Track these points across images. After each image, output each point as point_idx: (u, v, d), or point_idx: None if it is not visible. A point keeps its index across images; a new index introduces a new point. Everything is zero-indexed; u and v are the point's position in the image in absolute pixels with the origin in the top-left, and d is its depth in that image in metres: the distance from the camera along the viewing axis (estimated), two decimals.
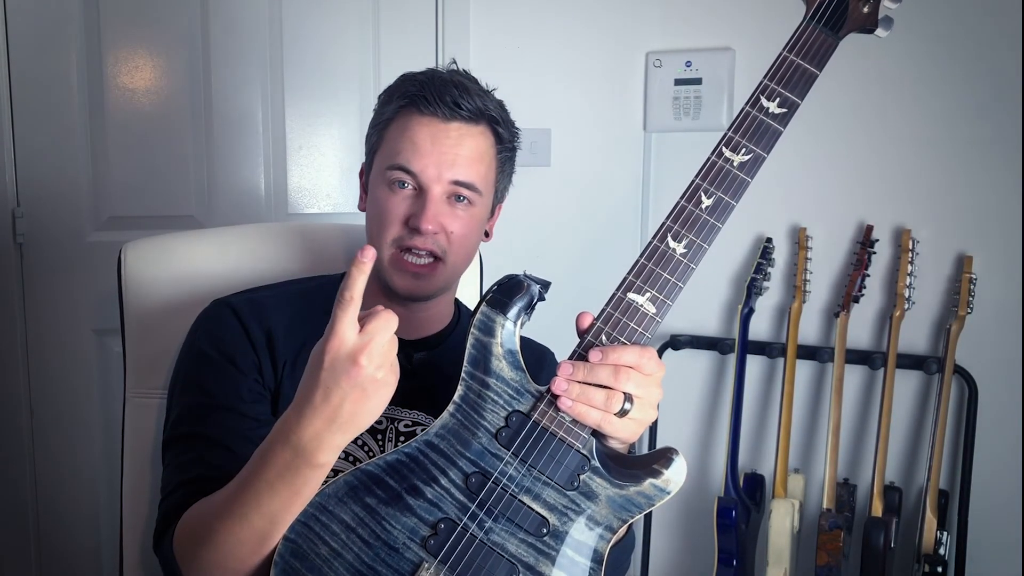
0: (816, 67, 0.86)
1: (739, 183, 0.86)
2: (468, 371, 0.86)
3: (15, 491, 1.94)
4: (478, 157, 1.03)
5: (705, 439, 2.16)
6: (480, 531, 0.83)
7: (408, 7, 2.08)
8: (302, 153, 2.06)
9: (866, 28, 0.87)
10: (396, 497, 0.84)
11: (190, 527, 0.90)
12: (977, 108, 1.88)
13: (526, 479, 0.84)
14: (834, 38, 0.87)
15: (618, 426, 0.83)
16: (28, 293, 1.91)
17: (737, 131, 0.86)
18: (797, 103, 0.87)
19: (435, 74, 1.05)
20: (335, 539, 0.83)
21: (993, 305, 1.90)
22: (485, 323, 0.86)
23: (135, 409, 1.22)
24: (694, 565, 2.20)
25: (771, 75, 0.87)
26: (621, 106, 2.17)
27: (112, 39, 1.91)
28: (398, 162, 1.02)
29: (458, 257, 1.05)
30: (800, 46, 0.87)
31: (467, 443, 0.85)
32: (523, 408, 0.85)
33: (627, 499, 0.84)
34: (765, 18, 2.04)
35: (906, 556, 1.93)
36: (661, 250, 0.86)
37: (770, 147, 0.86)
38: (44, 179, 1.89)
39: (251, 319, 1.03)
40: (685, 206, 0.86)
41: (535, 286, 0.87)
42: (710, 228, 0.86)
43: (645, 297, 0.85)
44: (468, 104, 1.02)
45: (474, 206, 1.04)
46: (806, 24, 0.87)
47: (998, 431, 1.92)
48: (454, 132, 1.02)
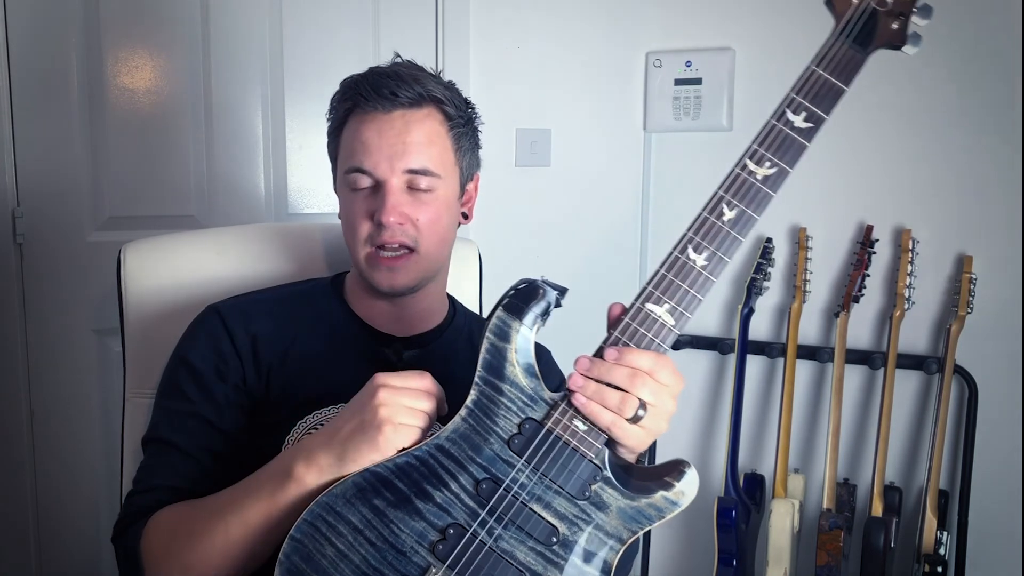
0: (843, 82, 0.85)
1: (762, 196, 0.84)
2: (482, 376, 0.85)
3: (15, 491, 1.94)
4: (427, 141, 1.02)
5: (705, 439, 2.16)
6: (489, 538, 0.83)
7: (408, 7, 2.08)
8: (302, 153, 2.06)
9: (894, 45, 0.86)
10: (405, 500, 0.84)
11: (166, 528, 0.93)
12: (977, 108, 1.88)
13: (537, 487, 0.83)
14: (863, 54, 0.85)
15: (629, 432, 0.83)
16: (28, 293, 1.90)
17: (762, 144, 0.85)
18: (823, 118, 0.85)
19: (372, 70, 1.04)
20: (342, 540, 0.83)
21: (993, 305, 1.90)
22: (501, 328, 0.85)
23: (135, 409, 1.22)
24: (694, 565, 2.20)
25: (798, 88, 0.85)
26: (621, 106, 2.17)
27: (112, 39, 1.91)
28: (352, 164, 1.02)
29: (431, 244, 1.04)
30: (828, 60, 0.85)
31: (479, 448, 0.84)
32: (537, 416, 0.84)
33: (638, 511, 0.84)
34: (765, 18, 2.04)
35: (906, 556, 1.93)
36: (681, 261, 0.84)
37: (795, 161, 0.84)
38: (44, 179, 1.89)
39: (237, 325, 1.04)
40: (707, 218, 0.85)
41: (552, 292, 0.86)
42: (731, 241, 0.84)
43: (664, 308, 0.84)
44: (407, 91, 1.00)
45: (436, 191, 1.03)
46: (835, 38, 0.86)
47: (998, 431, 1.92)
48: (398, 121, 1.01)
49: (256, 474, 0.90)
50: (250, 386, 1.02)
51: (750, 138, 0.86)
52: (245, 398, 1.02)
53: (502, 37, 2.13)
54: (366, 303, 1.10)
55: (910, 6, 0.85)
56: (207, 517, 0.89)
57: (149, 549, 0.92)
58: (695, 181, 2.16)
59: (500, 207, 2.02)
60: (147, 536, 0.93)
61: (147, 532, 0.93)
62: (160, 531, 0.93)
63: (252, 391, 1.03)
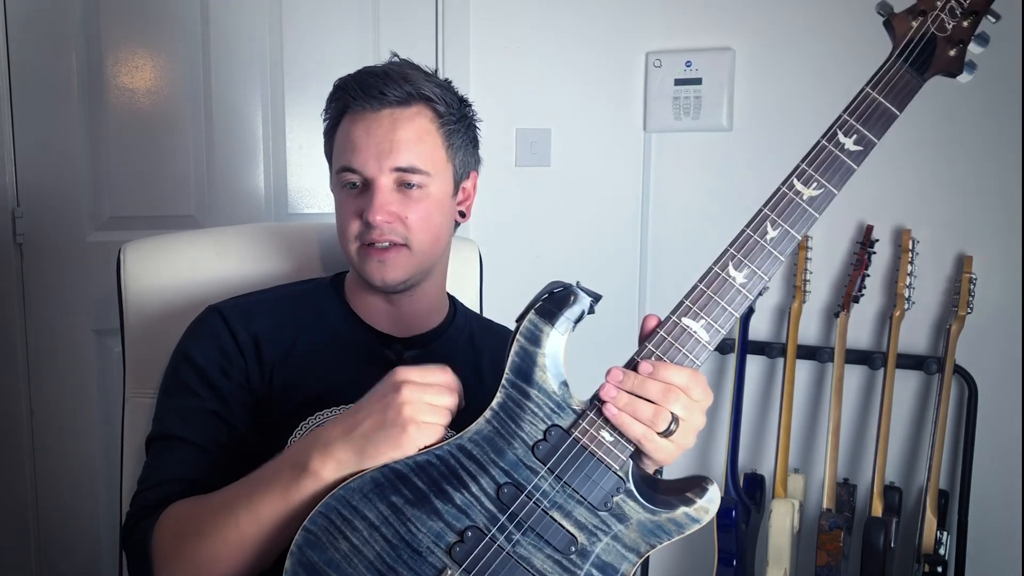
0: (897, 108, 0.84)
1: (807, 217, 0.83)
2: (509, 379, 0.84)
3: (15, 491, 1.94)
4: (417, 139, 1.01)
5: (705, 439, 2.16)
6: (508, 543, 0.82)
7: (408, 7, 2.08)
8: (302, 153, 2.06)
9: (951, 72, 0.85)
10: (424, 499, 0.83)
11: (174, 527, 0.91)
12: (977, 108, 1.88)
13: (559, 495, 0.83)
14: (919, 79, 0.84)
15: (659, 445, 0.82)
16: (28, 293, 1.90)
17: (811, 164, 0.84)
18: (874, 142, 0.84)
19: (363, 70, 1.04)
20: (356, 535, 0.82)
21: (993, 305, 1.90)
22: (532, 332, 0.84)
23: (134, 409, 1.22)
24: (694, 565, 2.20)
25: (851, 110, 0.84)
26: (621, 106, 2.16)
27: (112, 39, 1.91)
28: (342, 163, 1.02)
29: (423, 242, 1.04)
30: (884, 84, 0.84)
31: (501, 452, 0.83)
32: (563, 423, 0.83)
33: (658, 525, 0.83)
34: (765, 18, 2.04)
35: (906, 556, 1.93)
36: (721, 278, 0.83)
37: (842, 184, 0.84)
38: (44, 179, 1.89)
39: (239, 324, 1.04)
40: (750, 235, 0.83)
41: (587, 299, 0.85)
42: (772, 260, 0.83)
43: (700, 324, 0.83)
44: (395, 90, 1.00)
45: (426, 188, 1.03)
46: (892, 62, 0.85)
47: (998, 431, 1.92)
48: (386, 120, 1.00)
49: (266, 467, 0.88)
50: (253, 384, 1.02)
51: (750, 138, 0.86)
52: (249, 396, 1.02)
53: (502, 37, 2.13)
54: (366, 303, 1.10)
55: (969, 34, 0.85)
56: (216, 513, 0.88)
57: (158, 549, 0.91)
58: (695, 181, 2.16)
59: (500, 207, 2.02)
60: (156, 535, 0.92)
61: (156, 531, 0.92)
62: (168, 530, 0.91)
63: (255, 390, 1.02)
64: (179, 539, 0.90)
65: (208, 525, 0.88)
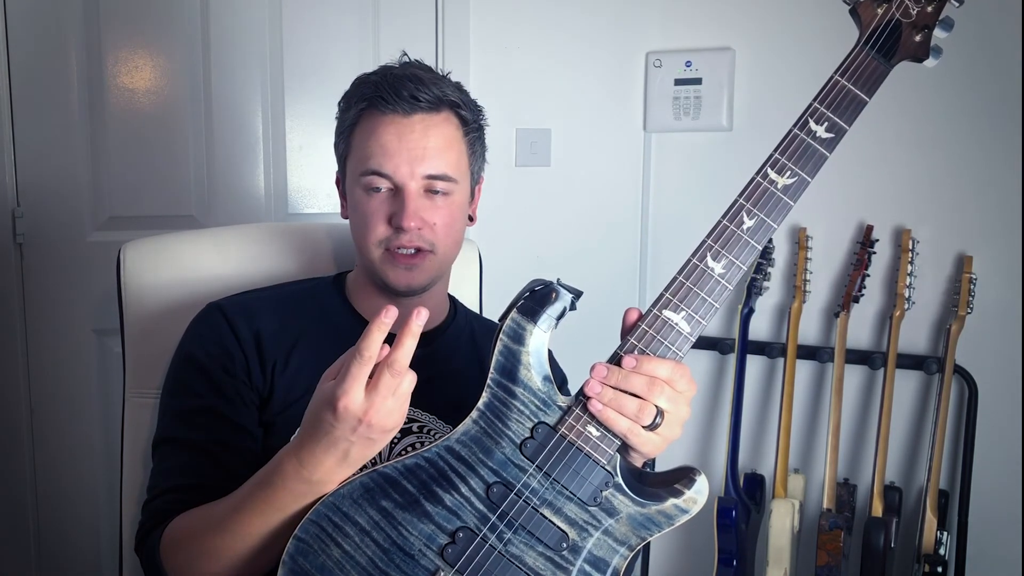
0: (866, 94, 0.85)
1: (782, 206, 0.84)
2: (495, 378, 0.85)
3: (15, 491, 1.94)
4: (447, 145, 1.02)
5: (705, 439, 2.16)
6: (499, 542, 0.83)
7: (408, 8, 2.08)
8: (302, 153, 2.06)
9: (917, 57, 0.86)
10: (414, 502, 0.83)
11: (183, 536, 0.92)
12: (977, 108, 1.88)
13: (548, 492, 0.83)
14: (886, 65, 0.86)
15: (645, 438, 0.83)
16: (28, 293, 1.91)
17: (784, 153, 0.85)
18: (845, 129, 0.85)
19: (389, 70, 1.04)
20: (348, 541, 0.82)
21: (993, 305, 1.90)
22: (515, 330, 0.85)
23: (135, 409, 1.22)
24: (694, 565, 2.20)
25: (821, 98, 0.85)
26: (621, 106, 2.17)
27: (112, 39, 1.91)
28: (370, 166, 1.01)
29: (447, 247, 1.05)
30: (853, 71, 0.85)
31: (489, 452, 0.84)
32: (549, 420, 0.84)
33: (648, 518, 0.84)
34: (765, 18, 2.04)
35: (906, 556, 1.93)
36: (700, 269, 0.84)
37: (815, 171, 0.85)
38: (44, 179, 1.89)
39: (240, 322, 1.04)
40: (727, 226, 0.84)
41: (568, 295, 0.85)
42: (749, 249, 0.84)
43: (681, 316, 0.84)
44: (426, 94, 1.00)
45: (453, 195, 1.04)
46: (859, 49, 0.86)
47: (998, 431, 1.92)
48: (418, 125, 1.01)
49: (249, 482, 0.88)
50: (255, 381, 1.02)
51: (750, 138, 0.86)
52: (251, 393, 1.02)
53: (502, 37, 2.13)
54: (370, 303, 1.09)
55: (933, 19, 0.85)
56: (213, 532, 0.88)
57: (166, 564, 0.92)
58: (695, 181, 2.16)
59: (500, 207, 2.02)
60: (162, 553, 0.92)
61: (163, 548, 0.93)
62: (175, 548, 0.92)
63: (257, 387, 1.02)
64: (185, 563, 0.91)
65: (207, 548, 0.88)
